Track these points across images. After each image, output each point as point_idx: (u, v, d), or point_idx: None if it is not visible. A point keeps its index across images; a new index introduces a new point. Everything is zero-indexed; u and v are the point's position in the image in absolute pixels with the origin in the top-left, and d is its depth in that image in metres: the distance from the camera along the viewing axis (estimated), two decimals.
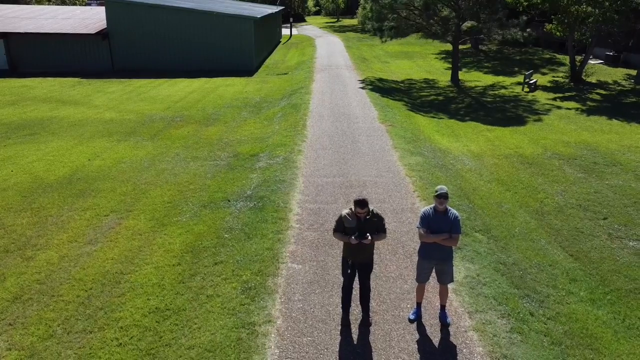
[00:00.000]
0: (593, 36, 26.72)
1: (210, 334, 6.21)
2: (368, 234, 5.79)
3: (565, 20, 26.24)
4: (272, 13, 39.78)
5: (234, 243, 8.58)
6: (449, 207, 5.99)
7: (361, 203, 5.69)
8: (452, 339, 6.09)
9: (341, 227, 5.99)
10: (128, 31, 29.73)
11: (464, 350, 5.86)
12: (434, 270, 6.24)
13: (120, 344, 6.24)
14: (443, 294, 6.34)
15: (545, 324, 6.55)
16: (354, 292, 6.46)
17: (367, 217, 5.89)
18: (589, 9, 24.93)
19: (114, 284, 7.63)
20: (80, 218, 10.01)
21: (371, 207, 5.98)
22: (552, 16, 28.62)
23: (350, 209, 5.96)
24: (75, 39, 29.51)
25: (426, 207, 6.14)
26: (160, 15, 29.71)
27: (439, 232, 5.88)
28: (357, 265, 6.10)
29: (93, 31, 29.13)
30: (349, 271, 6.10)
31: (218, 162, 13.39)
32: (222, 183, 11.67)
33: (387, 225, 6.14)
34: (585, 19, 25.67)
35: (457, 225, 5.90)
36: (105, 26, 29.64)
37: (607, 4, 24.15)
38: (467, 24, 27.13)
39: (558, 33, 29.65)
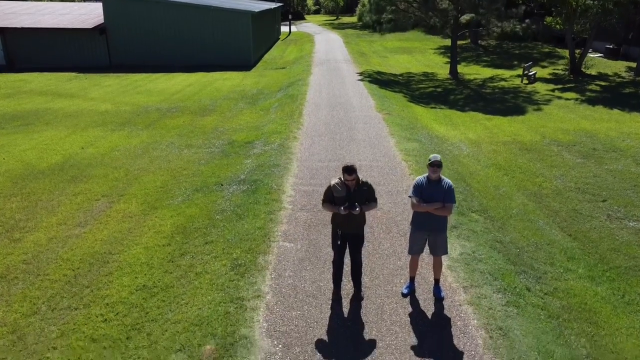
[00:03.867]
0: (592, 28, 26.54)
1: (198, 309, 6.04)
2: (357, 204, 5.62)
3: (564, 12, 26.06)
4: (271, 9, 39.64)
5: (225, 223, 8.41)
6: (443, 177, 5.81)
7: (349, 169, 5.52)
8: (446, 312, 5.91)
9: (330, 197, 5.82)
10: (125, 26, 29.60)
11: (459, 323, 5.69)
12: (427, 244, 6.07)
13: (106, 319, 6.08)
14: (437, 268, 6.16)
15: (542, 298, 6.38)
16: (345, 267, 6.29)
17: (357, 186, 5.72)
18: (588, 1, 24.75)
19: (102, 264, 7.47)
20: (70, 202, 9.85)
21: (361, 177, 5.81)
22: (552, 9, 28.48)
23: (340, 178, 5.79)
24: (72, 34, 29.37)
25: (419, 176, 5.96)
26: (158, 10, 29.58)
27: (432, 201, 5.70)
28: (348, 237, 5.93)
29: (90, 26, 28.99)
30: (339, 243, 5.93)
31: (212, 149, 13.23)
32: (216, 169, 11.51)
33: (381, 205, 5.96)
34: (585, 11, 25.50)
35: (451, 194, 5.72)
36: (103, 21, 29.48)
37: None
38: (466, 16, 26.96)
39: (557, 26, 29.48)
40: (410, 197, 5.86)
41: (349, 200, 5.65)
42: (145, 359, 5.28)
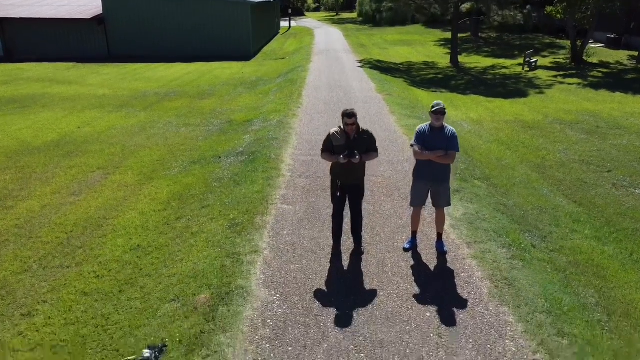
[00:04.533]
0: (594, 16, 26.32)
1: (193, 264, 5.85)
2: (357, 152, 5.43)
3: (564, 3, 25.82)
4: (270, 2, 39.45)
5: (223, 189, 8.22)
6: (446, 124, 5.62)
7: (349, 114, 5.34)
8: (449, 265, 5.72)
9: (329, 147, 5.64)
10: (124, 17, 29.41)
11: (462, 275, 5.50)
12: (429, 195, 5.87)
13: (98, 276, 5.89)
14: (439, 221, 5.97)
15: (548, 254, 6.19)
16: (345, 223, 6.09)
17: (357, 135, 5.54)
18: None
19: (96, 228, 7.28)
20: (65, 174, 9.67)
21: (361, 125, 5.63)
22: None
23: (339, 127, 5.60)
24: (70, 25, 29.19)
25: (422, 124, 5.77)
26: (157, 0, 29.38)
27: (435, 149, 5.51)
28: (347, 188, 5.73)
29: (88, 17, 28.81)
30: (338, 194, 5.74)
31: (210, 127, 13.05)
32: (214, 144, 11.32)
33: (382, 172, 5.77)
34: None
35: (455, 141, 5.53)
36: (101, 12, 29.30)
37: None
38: (467, 4, 26.75)
39: (558, 15, 29.28)
40: (412, 145, 5.67)
41: (349, 148, 5.46)
42: (138, 309, 5.09)
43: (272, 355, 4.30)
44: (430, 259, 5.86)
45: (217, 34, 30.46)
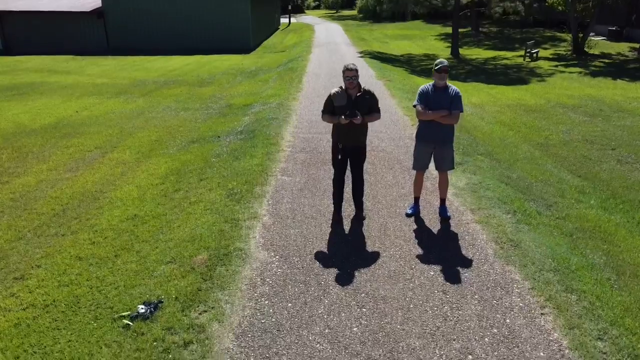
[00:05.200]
0: (596, 7, 26.18)
1: (191, 229, 5.72)
2: (358, 112, 5.29)
3: None
4: None
5: (222, 164, 8.09)
6: (449, 84, 5.49)
7: (350, 68, 5.22)
8: (453, 229, 5.59)
9: (330, 108, 5.51)
10: (123, 10, 29.28)
11: (466, 237, 5.36)
12: (432, 159, 5.74)
13: (94, 242, 5.75)
14: (443, 185, 5.83)
15: (554, 221, 6.05)
16: (345, 192, 5.95)
17: (359, 94, 5.41)
18: None
19: (92, 200, 7.15)
20: (62, 153, 9.54)
21: (363, 85, 5.51)
22: None
23: (340, 87, 5.47)
24: (69, 18, 29.05)
25: (425, 84, 5.63)
26: None
27: (438, 109, 5.38)
28: (349, 151, 5.60)
29: (88, 9, 28.68)
30: (339, 157, 5.60)
31: (210, 111, 12.91)
32: (213, 125, 11.19)
33: (384, 147, 5.64)
34: None
35: (458, 101, 5.40)
36: (101, 5, 29.17)
37: None
38: None
39: (560, 7, 29.14)
40: (415, 105, 5.53)
41: (350, 109, 5.33)
42: (134, 271, 4.95)
43: (271, 310, 4.17)
44: (433, 224, 5.72)
45: (217, 27, 30.32)
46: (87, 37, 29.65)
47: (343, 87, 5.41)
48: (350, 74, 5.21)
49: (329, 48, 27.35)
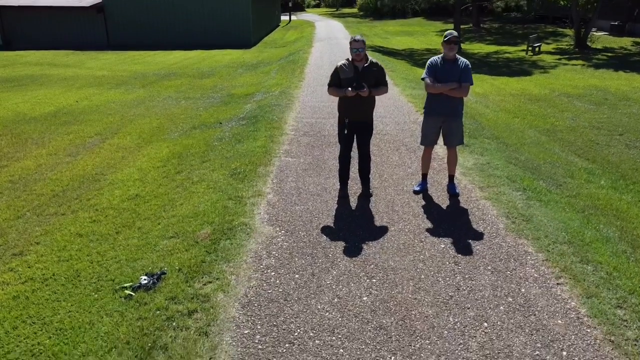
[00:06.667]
0: (598, 1, 26.01)
1: (194, 207, 5.59)
2: (365, 85, 5.16)
3: None
4: None
5: (224, 147, 7.96)
6: (459, 56, 5.35)
7: (356, 39, 5.10)
8: (462, 205, 5.46)
9: (337, 80, 5.37)
10: (124, 5, 29.10)
11: (476, 213, 5.23)
12: (441, 134, 5.60)
13: (94, 221, 5.62)
14: (451, 161, 5.70)
15: (565, 198, 5.91)
16: (351, 172, 5.81)
17: (366, 66, 5.28)
18: None
19: (93, 182, 7.02)
20: (62, 139, 9.41)
21: (370, 58, 5.38)
22: None
23: (347, 59, 5.34)
24: (69, 13, 28.88)
25: (433, 56, 5.50)
26: None
27: (448, 82, 5.24)
28: (355, 126, 5.46)
29: (88, 4, 28.53)
30: (345, 132, 5.46)
31: (211, 100, 12.78)
32: (215, 113, 11.06)
33: (389, 131, 5.52)
34: None
35: (468, 73, 5.27)
36: (101, 0, 29.01)
37: None
38: None
39: (562, 2, 29.01)
40: (423, 78, 5.40)
41: (357, 81, 5.20)
42: (136, 246, 4.82)
43: (277, 281, 4.03)
44: (442, 201, 5.59)
45: (217, 23, 30.14)
46: (87, 32, 29.48)
47: (350, 59, 5.28)
48: (357, 45, 5.09)
49: (330, 42, 27.21)
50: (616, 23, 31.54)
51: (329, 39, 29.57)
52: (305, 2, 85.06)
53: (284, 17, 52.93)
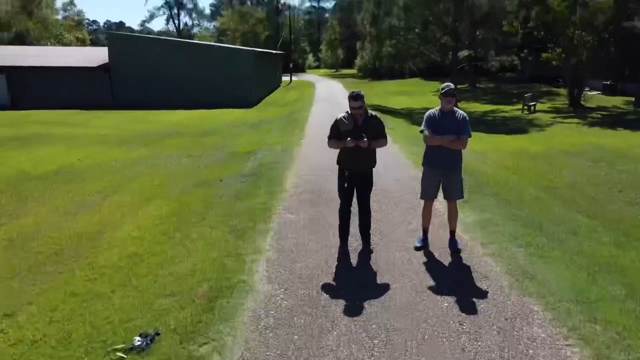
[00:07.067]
0: (590, 61, 26.82)
1: (192, 264, 5.50)
2: (364, 135, 5.22)
3: (563, 44, 26.38)
4: (272, 53, 40.58)
5: (224, 204, 7.96)
6: (457, 108, 5.45)
7: (355, 96, 5.21)
8: (465, 261, 5.37)
9: (336, 133, 5.45)
10: (129, 65, 30.03)
11: (479, 270, 5.14)
12: (441, 187, 5.60)
13: (90, 279, 5.52)
14: (452, 217, 5.66)
15: (568, 255, 5.82)
16: (352, 227, 5.78)
17: (365, 119, 5.36)
18: (584, 34, 25.14)
19: (91, 240, 6.96)
20: (62, 197, 9.43)
21: (370, 111, 5.48)
22: (548, 45, 28.95)
23: (347, 112, 5.44)
24: (76, 73, 29.75)
25: (431, 109, 5.59)
26: (161, 49, 30.19)
27: (446, 134, 5.30)
28: (355, 178, 5.47)
29: (95, 64, 29.47)
30: (345, 185, 5.47)
31: (213, 158, 12.91)
32: (217, 170, 11.13)
33: (388, 187, 5.58)
34: (582, 45, 25.85)
35: (466, 126, 5.35)
36: (107, 61, 30.00)
37: (601, 27, 24.40)
38: (465, 52, 27.41)
39: (554, 62, 29.95)
40: (422, 131, 5.47)
41: (357, 132, 5.26)
42: (131, 305, 4.70)
43: (276, 343, 3.90)
44: (444, 257, 5.51)
45: (220, 83, 30.98)
46: (92, 92, 30.20)
47: (349, 113, 5.37)
48: (355, 104, 5.20)
49: (330, 102, 27.86)
50: (608, 82, 32.41)
51: (329, 99, 30.29)
52: (305, 63, 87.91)
53: (285, 78, 54.55)
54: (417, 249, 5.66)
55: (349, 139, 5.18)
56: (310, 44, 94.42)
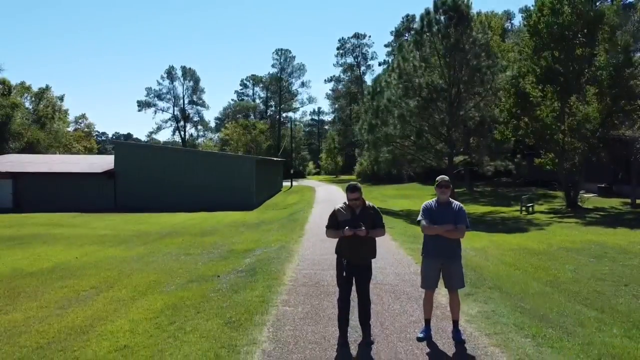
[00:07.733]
0: (582, 165, 27.58)
1: (184, 356, 5.25)
2: (362, 224, 5.26)
3: (551, 153, 27.32)
4: (273, 160, 41.88)
5: (220, 297, 7.77)
6: (452, 200, 5.53)
7: (352, 187, 5.32)
8: (469, 352, 5.13)
9: (334, 223, 5.49)
10: (134, 170, 30.90)
11: None
12: (441, 277, 5.51)
13: None
14: (454, 306, 5.51)
15: (578, 346, 5.57)
16: (351, 320, 5.60)
17: (363, 209, 5.43)
18: (574, 141, 26.15)
19: (80, 334, 6.71)
20: (55, 292, 9.24)
21: (367, 202, 5.56)
22: (540, 151, 29.99)
23: (345, 202, 5.52)
24: (82, 178, 30.53)
25: (428, 200, 5.67)
26: (165, 156, 31.24)
27: (443, 224, 5.34)
28: (354, 268, 5.41)
29: (100, 170, 30.28)
30: (344, 274, 5.39)
31: (211, 255, 12.81)
32: (214, 266, 11.00)
33: (389, 281, 5.61)
34: (572, 150, 26.77)
35: (463, 215, 5.40)
36: (112, 167, 30.88)
37: (589, 134, 25.44)
38: (460, 157, 28.31)
39: (548, 166, 30.81)
40: (419, 220, 5.51)
41: (355, 222, 5.30)
42: None
43: None
44: (447, 348, 5.27)
45: (222, 188, 31.64)
46: (96, 196, 30.77)
47: (347, 203, 5.45)
48: (352, 196, 5.33)
49: (329, 204, 28.14)
50: (603, 185, 33.07)
51: (329, 201, 30.71)
52: (306, 170, 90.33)
53: (286, 183, 55.75)
54: (419, 339, 5.44)
55: (346, 227, 5.21)
56: (310, 152, 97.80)
